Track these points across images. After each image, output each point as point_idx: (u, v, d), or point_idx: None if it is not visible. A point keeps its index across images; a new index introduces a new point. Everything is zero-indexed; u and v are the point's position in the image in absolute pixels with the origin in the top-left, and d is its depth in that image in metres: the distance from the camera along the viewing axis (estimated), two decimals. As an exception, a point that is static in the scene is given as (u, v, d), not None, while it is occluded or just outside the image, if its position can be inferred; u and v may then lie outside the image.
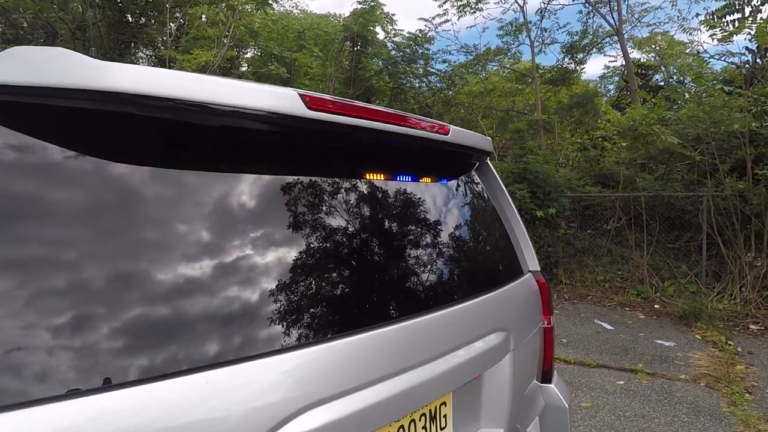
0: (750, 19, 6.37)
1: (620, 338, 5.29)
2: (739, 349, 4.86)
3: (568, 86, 12.21)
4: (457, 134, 1.43)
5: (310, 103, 1.00)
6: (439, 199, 1.48)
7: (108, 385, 0.69)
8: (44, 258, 0.71)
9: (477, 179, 1.75)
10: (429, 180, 1.47)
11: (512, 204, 1.86)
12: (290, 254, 0.99)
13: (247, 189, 0.99)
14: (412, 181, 1.40)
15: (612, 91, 14.85)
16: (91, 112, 0.79)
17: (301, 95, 0.99)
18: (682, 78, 12.10)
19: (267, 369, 0.84)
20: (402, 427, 1.13)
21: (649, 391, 3.91)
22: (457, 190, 1.60)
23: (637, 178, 7.59)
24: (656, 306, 6.48)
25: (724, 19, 6.74)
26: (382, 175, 1.29)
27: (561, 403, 1.74)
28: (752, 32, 6.02)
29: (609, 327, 5.72)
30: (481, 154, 1.64)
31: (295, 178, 1.08)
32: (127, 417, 0.68)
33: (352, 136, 1.12)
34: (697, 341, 5.16)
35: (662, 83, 12.87)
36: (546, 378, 1.79)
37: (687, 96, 8.60)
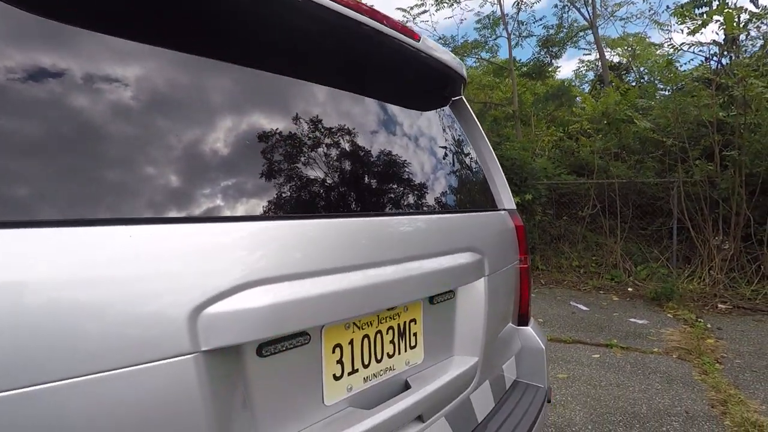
0: (718, 10, 6.54)
1: (595, 318, 5.33)
2: (709, 326, 4.96)
3: (544, 80, 12.38)
4: (429, 44, 1.34)
5: None
6: (414, 122, 1.39)
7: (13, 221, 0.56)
8: None
9: (453, 115, 1.68)
10: (402, 100, 1.38)
11: (489, 144, 1.79)
12: (254, 126, 0.89)
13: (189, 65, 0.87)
14: (383, 94, 1.30)
15: (586, 89, 15.19)
16: None
17: None
18: (652, 79, 12.44)
19: (206, 235, 0.73)
20: (367, 336, 1.03)
21: (623, 363, 3.92)
22: (432, 119, 1.51)
23: (611, 166, 7.71)
24: (629, 289, 6.58)
25: (694, 11, 6.91)
26: (352, 77, 1.19)
27: (538, 345, 1.68)
28: (721, 20, 6.17)
29: (584, 308, 5.77)
30: (455, 79, 1.56)
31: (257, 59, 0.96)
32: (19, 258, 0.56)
33: (311, 16, 1.00)
34: (669, 319, 5.24)
35: (634, 83, 13.21)
36: (522, 321, 1.73)
37: (657, 97, 8.84)
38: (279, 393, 0.84)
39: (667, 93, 8.44)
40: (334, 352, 0.95)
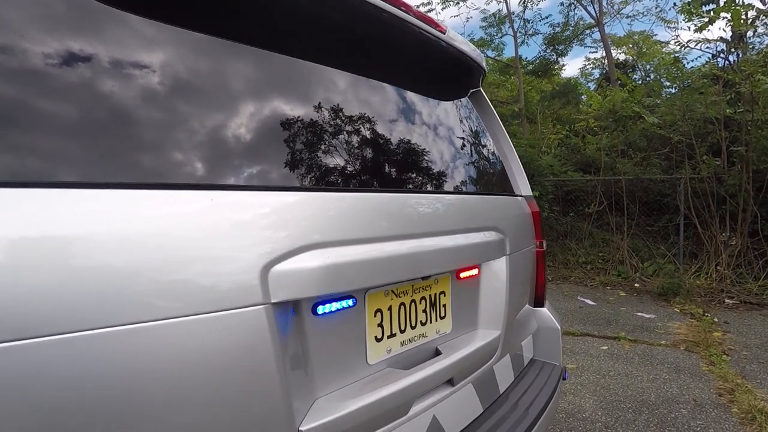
0: (725, 7, 6.56)
1: (602, 312, 5.39)
2: (716, 320, 5.00)
3: (550, 78, 12.40)
4: (454, 36, 1.42)
5: None
6: (441, 112, 1.47)
7: (117, 183, 0.66)
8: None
9: (471, 106, 1.75)
10: (431, 91, 1.46)
11: (506, 134, 1.87)
12: (316, 116, 0.99)
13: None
14: (415, 85, 1.39)
15: (592, 87, 15.18)
16: None
17: None
18: (658, 77, 12.43)
19: (276, 201, 0.82)
20: (403, 304, 1.11)
21: (631, 354, 3.99)
22: (455, 109, 1.59)
23: (618, 164, 7.76)
24: (636, 285, 6.62)
25: (701, 8, 6.93)
26: (388, 67, 1.28)
27: (553, 325, 1.76)
28: (728, 17, 6.21)
29: (591, 303, 5.83)
30: (477, 70, 1.64)
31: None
32: (124, 213, 0.65)
33: (348, 9, 1.08)
34: (676, 314, 5.29)
35: (640, 82, 13.21)
36: (538, 302, 1.81)
37: (663, 94, 8.87)
38: (330, 350, 0.93)
39: (673, 91, 8.48)
40: (375, 315, 1.03)
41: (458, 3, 11.87)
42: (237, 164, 0.81)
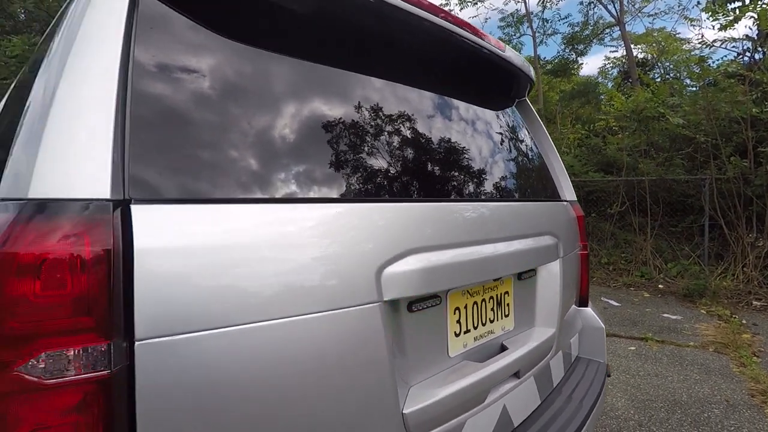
0: (752, 6, 6.50)
1: (627, 313, 5.40)
2: (744, 322, 4.99)
3: (569, 77, 12.36)
4: (511, 53, 1.51)
5: None
6: (496, 124, 1.57)
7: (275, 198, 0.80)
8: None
9: (518, 114, 1.84)
10: (486, 103, 1.56)
11: (551, 140, 1.96)
12: (409, 134, 1.12)
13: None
14: (478, 99, 1.49)
15: (611, 86, 15.02)
16: None
17: None
18: (678, 75, 12.27)
19: (384, 209, 0.94)
20: (476, 302, 1.22)
21: (660, 355, 4.01)
22: (508, 120, 1.69)
23: (640, 164, 7.72)
24: (660, 286, 6.60)
25: (727, 6, 6.87)
26: (455, 85, 1.39)
27: (598, 324, 1.84)
28: (755, 16, 6.15)
29: (616, 303, 5.84)
30: (526, 81, 1.72)
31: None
32: (293, 222, 0.79)
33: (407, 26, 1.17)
34: (703, 315, 5.28)
35: (659, 80, 13.05)
36: (583, 302, 1.89)
37: (685, 93, 8.77)
38: (420, 343, 1.04)
39: (695, 89, 8.39)
40: (455, 313, 1.14)
41: (476, 3, 11.91)
42: (358, 179, 0.93)
